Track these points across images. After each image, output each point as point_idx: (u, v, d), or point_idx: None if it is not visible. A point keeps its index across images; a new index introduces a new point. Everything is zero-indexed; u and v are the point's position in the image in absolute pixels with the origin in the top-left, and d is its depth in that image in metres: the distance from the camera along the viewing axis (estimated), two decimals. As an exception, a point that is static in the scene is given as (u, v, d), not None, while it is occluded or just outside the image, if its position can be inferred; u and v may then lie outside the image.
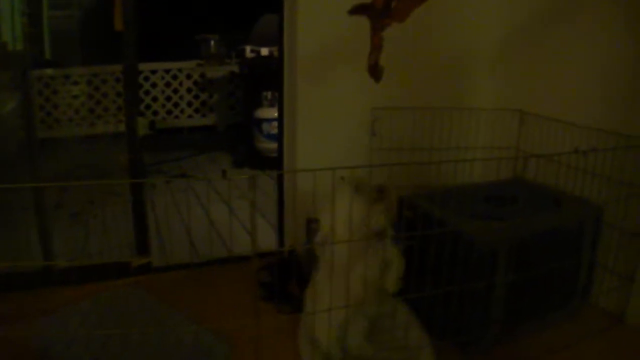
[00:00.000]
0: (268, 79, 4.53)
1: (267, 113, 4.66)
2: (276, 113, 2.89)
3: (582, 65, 2.33)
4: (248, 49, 5.10)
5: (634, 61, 2.12)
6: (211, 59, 5.79)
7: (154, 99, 6.08)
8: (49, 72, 5.50)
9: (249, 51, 5.10)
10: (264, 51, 4.99)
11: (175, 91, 6.15)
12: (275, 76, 2.68)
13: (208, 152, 5.55)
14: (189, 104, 6.25)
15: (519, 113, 2.54)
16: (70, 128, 5.58)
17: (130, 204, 2.58)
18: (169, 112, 6.19)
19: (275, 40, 2.69)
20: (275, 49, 2.93)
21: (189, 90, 6.22)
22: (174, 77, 6.12)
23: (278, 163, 2.77)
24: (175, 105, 6.19)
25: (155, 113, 6.10)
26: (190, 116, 6.28)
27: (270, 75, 2.75)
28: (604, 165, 2.10)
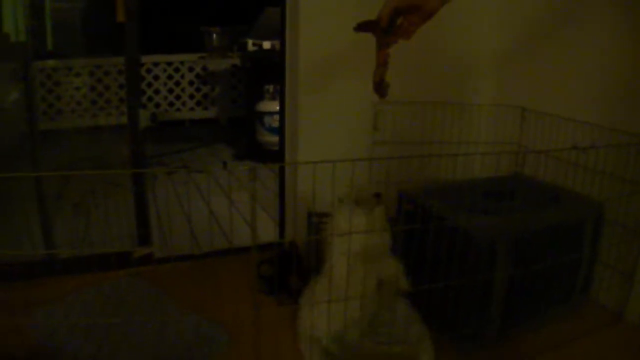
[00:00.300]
0: (270, 73, 4.53)
1: (269, 106, 4.66)
2: (278, 106, 2.90)
3: (584, 62, 2.33)
4: (250, 42, 5.10)
5: (635, 59, 2.13)
6: (213, 51, 5.79)
7: (156, 92, 6.09)
8: (51, 64, 5.50)
9: (251, 44, 5.10)
10: (266, 44, 4.99)
11: (177, 84, 6.16)
12: (277, 69, 2.68)
13: (209, 145, 5.55)
14: (191, 97, 6.26)
15: (520, 109, 2.55)
16: (72, 120, 5.59)
17: (131, 195, 2.59)
18: (171, 105, 6.19)
19: (277, 34, 2.70)
20: (277, 43, 2.93)
21: (191, 83, 6.23)
22: (176, 70, 6.12)
23: (279, 156, 2.78)
24: (177, 97, 6.20)
25: (157, 105, 6.11)
26: (192, 109, 6.29)
27: (272, 69, 2.75)
28: (606, 162, 2.10)
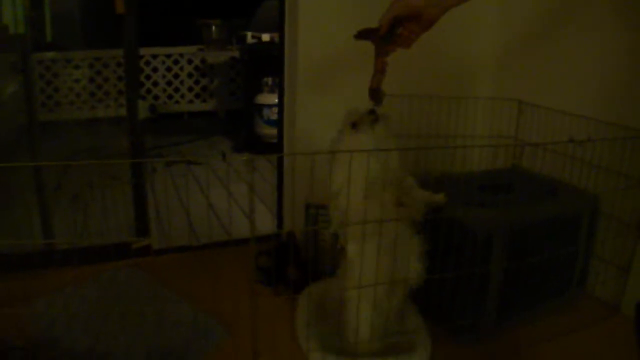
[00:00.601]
0: (269, 65, 4.54)
1: (268, 99, 4.67)
2: (276, 99, 2.90)
3: (580, 56, 2.34)
4: (249, 34, 5.10)
5: (632, 53, 2.13)
6: (212, 44, 5.79)
7: (155, 84, 6.09)
8: (51, 56, 5.50)
9: (250, 37, 5.11)
10: (265, 37, 5.00)
11: (176, 76, 6.16)
12: (276, 62, 2.69)
13: (208, 137, 5.56)
14: (190, 89, 6.26)
15: (517, 102, 2.55)
16: (71, 111, 5.59)
17: (130, 187, 2.60)
18: (170, 97, 6.19)
19: (276, 26, 2.70)
20: (276, 35, 2.95)
21: (189, 76, 6.23)
22: (175, 62, 6.12)
23: (278, 148, 2.79)
24: (176, 90, 6.20)
25: (156, 98, 6.11)
26: (190, 101, 6.29)
27: (271, 61, 2.76)
28: (601, 155, 2.11)
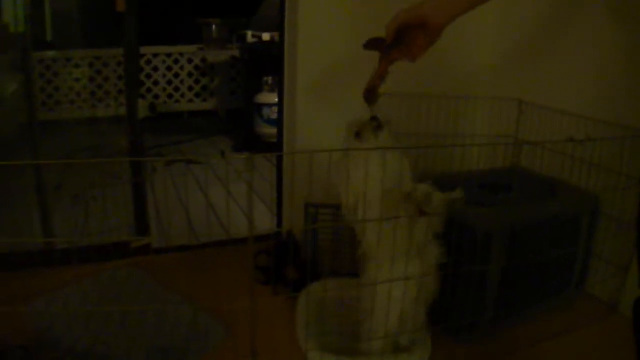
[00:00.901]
0: (269, 64, 4.54)
1: (268, 98, 4.66)
2: (277, 98, 2.90)
3: (581, 55, 2.34)
4: (250, 33, 5.10)
5: (631, 53, 2.13)
6: (213, 43, 5.79)
7: (156, 83, 6.09)
8: (51, 55, 5.50)
9: (250, 36, 5.11)
10: (266, 36, 5.00)
11: (176, 75, 6.15)
12: (276, 61, 2.69)
13: (208, 137, 5.55)
14: (190, 89, 6.25)
15: (517, 102, 2.55)
16: (71, 111, 5.59)
17: (130, 187, 2.60)
18: (170, 96, 6.19)
19: (277, 26, 2.70)
20: (277, 34, 2.96)
21: (190, 75, 6.22)
22: (176, 61, 6.12)
23: (278, 148, 2.79)
24: (177, 89, 6.19)
25: (157, 97, 6.11)
26: (191, 100, 6.29)
27: (272, 61, 2.76)
28: (601, 155, 2.11)
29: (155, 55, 6.01)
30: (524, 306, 2.11)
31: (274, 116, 4.46)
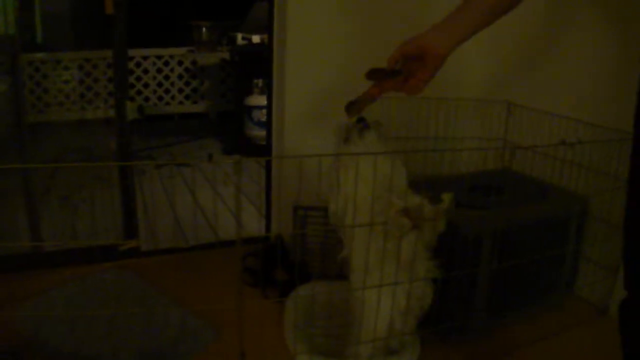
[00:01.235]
0: (259, 67, 4.53)
1: (258, 100, 4.66)
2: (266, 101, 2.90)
3: (570, 57, 2.35)
4: (239, 36, 5.10)
5: (621, 56, 2.14)
6: (203, 45, 5.77)
7: (146, 85, 6.07)
8: (40, 57, 5.48)
9: (240, 38, 5.10)
10: (256, 38, 5.00)
11: (166, 77, 6.14)
12: (266, 63, 2.68)
13: (199, 139, 5.54)
14: (180, 91, 6.23)
15: (506, 104, 2.56)
16: (60, 113, 5.57)
17: (119, 189, 2.59)
18: (160, 99, 6.17)
19: (267, 28, 2.70)
20: (266, 37, 2.96)
21: (180, 77, 6.20)
22: (166, 64, 6.10)
23: (267, 150, 2.78)
24: (167, 91, 6.17)
25: (147, 99, 6.09)
26: (181, 103, 6.26)
27: (262, 63, 2.76)
28: (591, 157, 2.12)
29: (145, 58, 5.99)
30: (514, 308, 2.11)
31: (264, 118, 4.46)
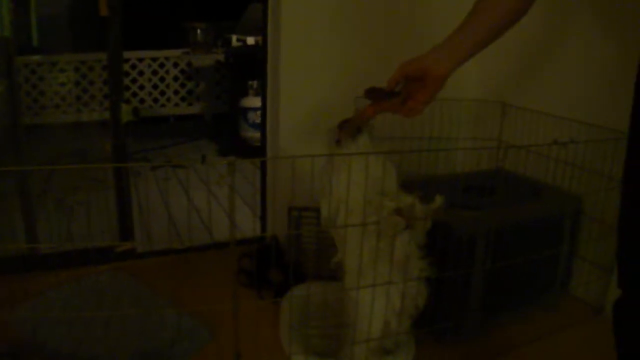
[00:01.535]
0: (254, 68, 4.54)
1: (253, 102, 4.66)
2: (261, 102, 2.90)
3: (564, 58, 2.36)
4: (234, 37, 5.10)
5: (614, 55, 2.15)
6: (198, 47, 5.78)
7: (141, 87, 6.06)
8: (36, 59, 5.48)
9: (235, 40, 5.10)
10: (250, 40, 4.99)
11: (162, 79, 6.13)
12: (261, 65, 2.69)
13: (194, 141, 5.54)
14: (176, 93, 6.23)
15: (500, 104, 2.56)
16: (56, 115, 5.57)
17: (114, 191, 2.59)
18: (156, 101, 6.16)
19: (261, 30, 2.70)
20: (261, 38, 2.96)
21: (175, 79, 6.20)
22: (161, 66, 6.09)
23: (262, 152, 2.79)
24: (162, 93, 6.17)
25: (142, 101, 6.08)
26: (176, 104, 6.26)
27: (256, 65, 2.76)
28: (585, 157, 2.13)
29: (140, 60, 5.99)
30: (509, 308, 2.12)
31: (259, 120, 4.46)
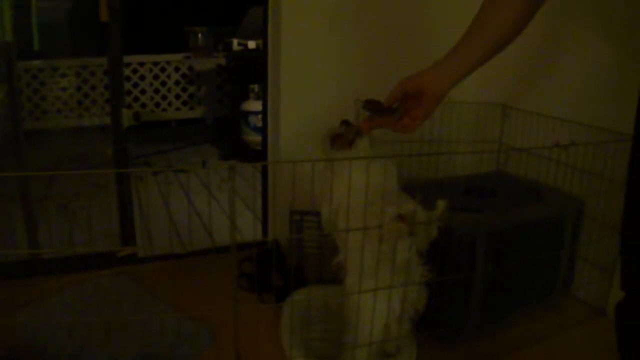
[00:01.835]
0: (255, 72, 4.53)
1: (254, 106, 4.66)
2: (263, 106, 2.91)
3: (564, 59, 2.35)
4: (235, 41, 5.10)
5: (615, 57, 2.14)
6: (199, 51, 5.78)
7: (143, 92, 6.07)
8: (37, 64, 5.48)
9: (236, 44, 5.11)
10: (251, 44, 5.00)
11: (163, 84, 6.14)
12: (262, 69, 2.69)
13: (196, 145, 5.55)
14: (177, 97, 6.23)
15: (501, 107, 2.56)
16: (57, 120, 5.57)
17: (115, 196, 2.59)
18: (157, 105, 6.16)
19: (262, 33, 2.71)
20: (262, 42, 2.97)
21: (177, 83, 6.20)
22: (163, 70, 6.10)
23: (263, 155, 2.79)
24: (164, 97, 6.17)
25: (144, 106, 6.08)
26: (178, 109, 6.26)
27: (258, 68, 2.76)
28: (586, 159, 2.12)
29: (142, 64, 5.99)
30: (510, 309, 2.11)
31: (261, 124, 4.47)
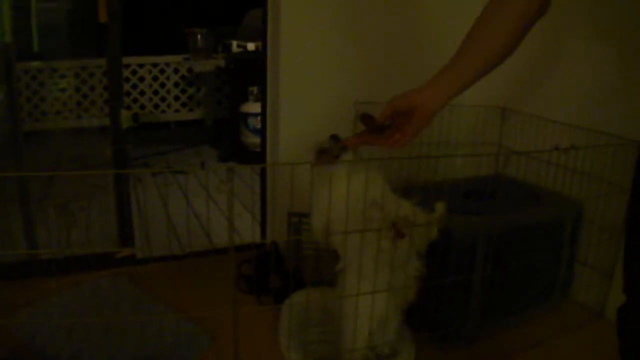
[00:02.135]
0: (254, 74, 4.54)
1: (253, 107, 4.66)
2: (262, 108, 2.91)
3: (564, 63, 2.36)
4: (235, 43, 5.10)
5: (614, 61, 2.15)
6: (198, 53, 5.78)
7: (142, 93, 6.06)
8: (36, 65, 5.47)
9: (235, 46, 5.10)
10: (251, 46, 4.99)
11: (162, 85, 6.13)
12: (261, 71, 2.69)
13: (195, 146, 5.55)
14: (176, 98, 6.22)
15: (500, 110, 2.56)
16: (57, 121, 5.57)
17: (114, 197, 2.59)
18: (157, 106, 6.16)
19: (261, 35, 2.70)
20: (261, 44, 2.96)
21: (176, 85, 6.19)
22: (162, 71, 6.09)
23: (262, 157, 2.79)
24: (163, 99, 6.17)
25: (143, 107, 6.08)
26: (177, 110, 6.25)
27: (257, 70, 2.76)
28: (585, 162, 2.12)
29: (141, 65, 5.99)
30: (509, 312, 2.11)
31: (260, 125, 4.46)
